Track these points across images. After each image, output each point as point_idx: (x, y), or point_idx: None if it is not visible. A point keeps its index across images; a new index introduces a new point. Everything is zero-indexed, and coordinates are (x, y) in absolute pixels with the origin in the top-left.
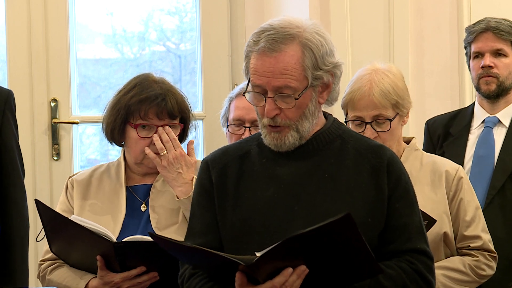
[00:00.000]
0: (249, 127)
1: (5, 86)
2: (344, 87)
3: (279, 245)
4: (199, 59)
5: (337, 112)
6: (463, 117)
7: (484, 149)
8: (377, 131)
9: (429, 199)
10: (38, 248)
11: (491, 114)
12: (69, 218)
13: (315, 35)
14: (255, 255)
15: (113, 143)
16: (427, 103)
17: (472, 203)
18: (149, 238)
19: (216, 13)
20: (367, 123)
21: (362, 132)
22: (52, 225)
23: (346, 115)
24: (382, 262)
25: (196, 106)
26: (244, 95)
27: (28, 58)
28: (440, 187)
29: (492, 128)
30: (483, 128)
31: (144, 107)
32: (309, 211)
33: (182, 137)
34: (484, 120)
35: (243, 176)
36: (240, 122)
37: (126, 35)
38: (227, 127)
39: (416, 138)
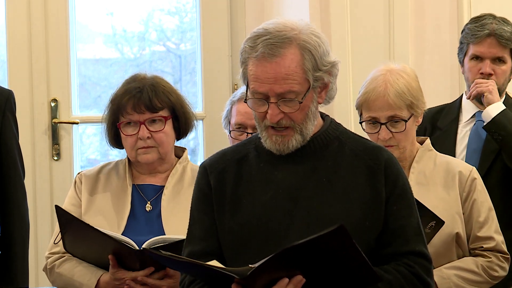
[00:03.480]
0: (251, 133)
1: (5, 86)
2: (341, 85)
3: (273, 257)
4: (199, 59)
5: (338, 112)
6: (450, 111)
7: (477, 143)
8: (392, 132)
9: (442, 199)
10: (38, 248)
11: (481, 109)
12: (90, 225)
13: (311, 36)
14: (249, 266)
15: (113, 147)
16: (427, 103)
17: (485, 204)
18: (170, 239)
19: (216, 13)
20: (382, 124)
21: (377, 132)
22: (70, 229)
23: (361, 115)
24: (380, 266)
25: (196, 106)
26: (245, 102)
27: (28, 58)
28: (453, 188)
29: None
30: (473, 122)
31: (123, 103)
32: (307, 215)
33: (179, 132)
34: (474, 114)
35: (241, 180)
36: (241, 128)
37: (126, 35)
38: (229, 132)
39: (429, 139)
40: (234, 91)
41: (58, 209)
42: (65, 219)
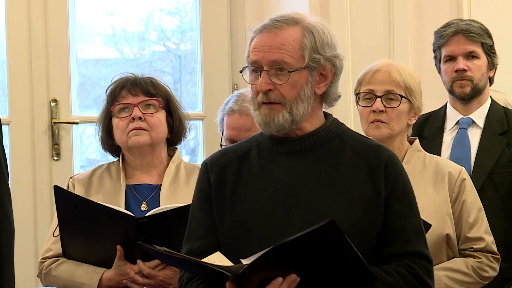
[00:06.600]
0: None
1: (5, 86)
2: (341, 86)
3: (265, 254)
4: (199, 59)
5: (338, 113)
6: (435, 119)
7: (461, 150)
8: (385, 107)
9: (432, 200)
10: (38, 248)
11: (464, 115)
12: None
13: (318, 24)
14: (241, 262)
15: (107, 150)
16: (427, 103)
17: (475, 204)
18: (171, 207)
19: (216, 13)
20: (377, 97)
21: (370, 106)
22: (69, 214)
23: (357, 95)
24: (380, 267)
25: (196, 106)
26: (241, 72)
27: (28, 58)
28: (443, 188)
29: (467, 129)
30: (457, 130)
31: (118, 90)
32: (306, 212)
33: (173, 126)
34: (458, 121)
35: (241, 177)
36: (233, 142)
37: (126, 35)
38: (221, 145)
39: (418, 139)
40: (234, 91)
41: (57, 188)
42: (64, 200)
